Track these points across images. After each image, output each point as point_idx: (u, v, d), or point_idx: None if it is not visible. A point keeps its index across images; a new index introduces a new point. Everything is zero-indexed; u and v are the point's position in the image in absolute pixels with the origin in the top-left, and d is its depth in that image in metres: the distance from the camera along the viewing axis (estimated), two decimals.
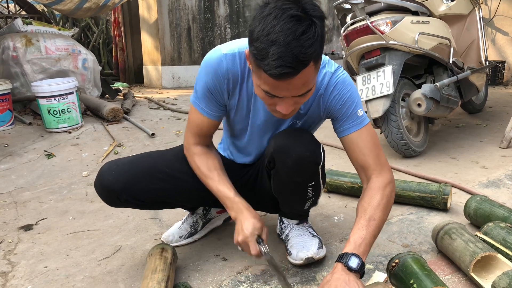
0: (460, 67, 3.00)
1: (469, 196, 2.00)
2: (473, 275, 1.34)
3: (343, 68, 1.42)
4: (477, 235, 1.53)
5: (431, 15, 2.90)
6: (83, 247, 1.81)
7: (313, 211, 2.00)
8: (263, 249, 1.33)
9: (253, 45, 1.08)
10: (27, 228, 2.04)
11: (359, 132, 1.37)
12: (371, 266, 1.53)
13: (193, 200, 1.65)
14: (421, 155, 2.90)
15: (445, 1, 3.05)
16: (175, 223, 1.85)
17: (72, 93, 3.87)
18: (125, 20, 7.79)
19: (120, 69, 7.86)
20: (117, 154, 3.27)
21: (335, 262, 1.23)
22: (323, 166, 1.47)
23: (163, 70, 7.04)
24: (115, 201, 1.51)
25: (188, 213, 1.84)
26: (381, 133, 2.86)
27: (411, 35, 2.66)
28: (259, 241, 1.34)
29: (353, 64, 3.03)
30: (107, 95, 5.41)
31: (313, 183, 1.45)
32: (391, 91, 2.59)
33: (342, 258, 1.21)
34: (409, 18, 2.70)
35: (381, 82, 2.64)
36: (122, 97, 5.45)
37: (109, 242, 1.84)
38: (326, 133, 2.93)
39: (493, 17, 5.42)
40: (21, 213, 2.24)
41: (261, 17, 1.07)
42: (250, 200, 1.72)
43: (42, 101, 3.78)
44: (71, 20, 8.06)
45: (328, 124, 1.53)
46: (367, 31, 2.68)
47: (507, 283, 1.18)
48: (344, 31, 2.86)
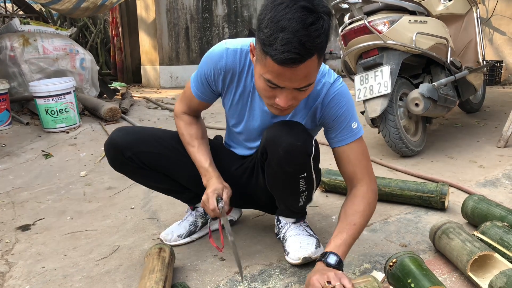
0: (457, 67, 3.01)
1: (467, 195, 2.01)
2: (470, 274, 1.34)
3: (342, 79, 1.46)
4: (474, 235, 1.53)
5: (428, 14, 2.90)
6: (81, 247, 1.80)
7: (310, 211, 2.00)
8: (219, 205, 1.43)
9: (262, 31, 1.13)
10: (25, 228, 2.04)
11: (351, 145, 1.43)
12: (369, 265, 1.53)
13: (191, 179, 1.66)
14: (419, 154, 2.90)
15: (442, 1, 3.06)
16: (173, 223, 1.85)
17: (70, 93, 3.87)
18: (123, 19, 7.79)
19: (118, 68, 7.85)
20: None
21: (316, 261, 1.30)
22: (316, 159, 1.48)
23: (161, 69, 7.04)
24: (119, 158, 1.57)
25: (188, 211, 1.83)
26: (379, 133, 2.86)
27: (409, 34, 2.67)
28: (218, 199, 1.44)
29: (351, 63, 3.03)
30: (105, 95, 5.40)
31: (305, 175, 1.47)
32: (389, 90, 2.60)
33: (322, 257, 1.29)
34: (406, 17, 2.71)
35: (379, 81, 2.64)
36: (120, 97, 5.44)
37: (107, 242, 1.84)
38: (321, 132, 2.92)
39: (491, 17, 5.42)
40: (18, 213, 2.23)
41: (273, 5, 1.12)
42: (247, 199, 1.74)
43: (39, 101, 3.77)
44: (69, 19, 8.04)
45: None
46: (364, 30, 2.68)
47: (504, 283, 1.19)
48: (341, 31, 2.86)
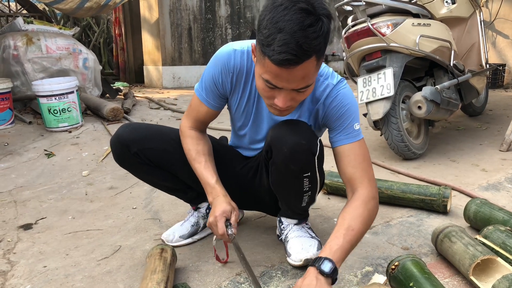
0: (460, 70, 3.01)
1: (469, 199, 2.01)
2: (472, 278, 1.34)
3: (346, 81, 1.46)
4: (477, 238, 1.53)
5: (432, 17, 2.90)
6: (83, 247, 1.80)
7: (312, 213, 2.00)
8: (229, 231, 1.39)
9: (261, 32, 1.14)
10: (27, 227, 2.04)
11: (352, 145, 1.41)
12: (371, 268, 1.53)
13: (194, 177, 1.63)
14: (421, 157, 2.90)
15: (446, 4, 3.06)
16: (175, 223, 1.85)
17: (72, 92, 3.87)
18: (126, 19, 7.79)
19: (120, 68, 7.86)
20: None
21: (308, 266, 1.21)
22: (321, 159, 1.48)
23: (163, 70, 7.04)
24: (125, 154, 1.58)
25: (190, 212, 1.83)
26: (381, 135, 2.86)
27: (412, 37, 2.67)
28: (226, 224, 1.40)
29: (353, 66, 3.03)
30: (108, 95, 5.41)
31: (309, 174, 1.46)
32: (392, 93, 2.59)
33: (315, 262, 1.20)
34: (410, 20, 2.70)
35: (382, 84, 2.64)
36: (122, 97, 5.45)
37: (109, 242, 1.84)
38: (326, 135, 2.92)
39: (494, 20, 5.42)
40: (20, 212, 2.24)
41: (273, 7, 1.13)
42: (250, 199, 1.74)
43: (42, 100, 3.78)
44: (72, 19, 8.06)
45: None
46: (368, 33, 2.68)
47: (506, 287, 1.19)
48: (345, 33, 2.86)
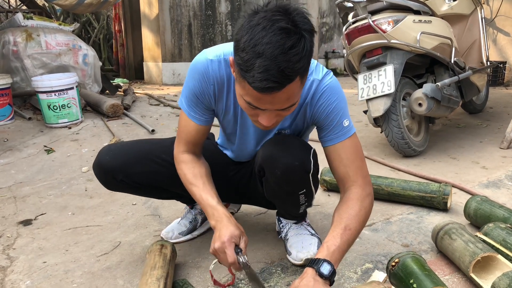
0: (461, 67, 3.00)
1: (469, 196, 2.00)
2: (473, 275, 1.33)
3: (332, 73, 1.37)
4: (477, 236, 1.53)
5: (433, 14, 2.89)
6: (82, 243, 1.80)
7: (312, 209, 2.00)
8: (241, 259, 1.23)
9: (239, 55, 1.05)
10: (26, 223, 2.04)
11: (342, 143, 1.35)
12: (371, 265, 1.53)
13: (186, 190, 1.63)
14: (421, 154, 2.89)
15: (447, 1, 3.05)
16: (174, 220, 1.85)
17: (72, 88, 3.86)
18: (125, 16, 7.78)
19: (120, 65, 7.85)
20: None
21: (306, 267, 1.19)
22: (316, 172, 1.44)
23: (163, 66, 7.03)
24: (112, 182, 1.52)
25: (187, 209, 1.83)
26: (381, 132, 2.85)
27: (413, 34, 2.66)
28: (237, 251, 1.24)
29: (354, 62, 3.02)
30: (107, 91, 5.40)
31: (304, 191, 1.44)
32: (392, 90, 2.59)
33: (313, 263, 1.17)
34: (411, 17, 2.70)
35: (382, 81, 2.64)
36: (122, 93, 5.44)
37: (108, 238, 1.84)
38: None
39: (495, 18, 5.40)
40: (20, 208, 2.23)
41: (249, 26, 1.03)
42: (246, 197, 1.74)
43: (42, 96, 3.77)
44: (72, 15, 8.04)
45: None
46: (369, 29, 2.67)
47: (507, 284, 1.18)
48: (345, 30, 2.85)
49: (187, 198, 1.74)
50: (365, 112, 2.88)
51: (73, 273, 1.56)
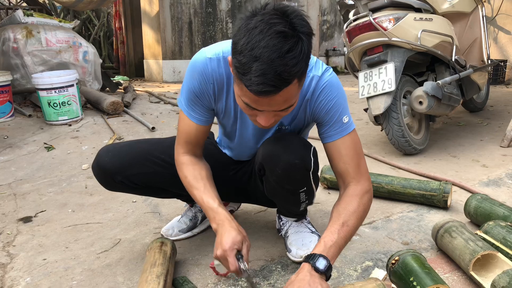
0: (462, 65, 3.00)
1: (470, 194, 2.00)
2: (473, 273, 1.33)
3: (331, 69, 1.37)
4: (477, 234, 1.53)
5: (434, 12, 2.88)
6: (82, 240, 1.80)
7: (312, 207, 2.00)
8: (241, 266, 1.23)
9: (236, 58, 1.04)
10: (26, 220, 2.04)
11: (342, 140, 1.35)
12: (371, 263, 1.53)
13: (186, 190, 1.63)
14: (421, 153, 2.89)
15: None
16: (174, 217, 1.85)
17: (72, 85, 3.86)
18: (126, 13, 7.77)
19: (120, 62, 7.84)
20: None
21: (302, 262, 1.20)
22: (316, 170, 1.44)
23: (164, 64, 7.02)
24: (111, 183, 1.52)
25: (187, 207, 1.83)
26: (381, 130, 2.85)
27: (414, 32, 2.65)
28: (238, 257, 1.23)
29: (355, 60, 3.02)
30: (108, 88, 5.39)
31: (305, 189, 1.44)
32: (393, 88, 2.58)
33: (309, 258, 1.18)
34: (412, 15, 2.69)
35: (383, 79, 2.63)
36: (122, 91, 5.43)
37: (108, 235, 1.84)
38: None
39: (496, 16, 5.38)
40: (20, 205, 2.23)
41: (247, 29, 1.02)
42: (246, 198, 1.74)
43: (42, 93, 3.77)
44: (72, 12, 8.02)
45: None
46: (369, 27, 2.67)
47: (507, 282, 1.18)
48: (346, 27, 2.84)
49: (187, 197, 1.74)
50: (366, 110, 2.88)
51: (73, 270, 1.56)
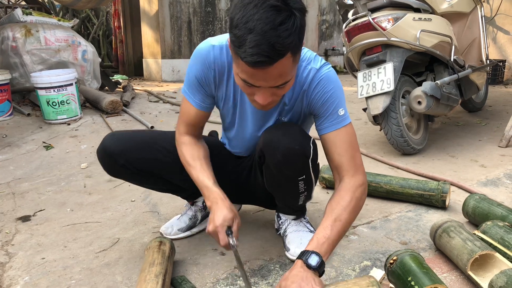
0: (461, 65, 3.00)
1: (468, 194, 2.01)
2: (470, 273, 1.34)
3: (330, 65, 1.42)
4: (475, 234, 1.53)
5: (433, 12, 2.89)
6: (81, 239, 1.80)
7: (311, 207, 2.00)
8: (230, 242, 1.31)
9: (232, 32, 1.10)
10: (25, 219, 2.04)
11: (337, 131, 1.37)
12: (369, 262, 1.53)
13: (187, 182, 1.62)
14: (420, 152, 2.89)
15: None
16: (173, 216, 1.85)
17: (71, 84, 3.86)
18: (125, 12, 7.76)
19: (119, 61, 7.84)
20: None
21: (296, 259, 1.23)
22: (315, 160, 1.46)
23: (163, 63, 7.02)
24: (113, 166, 1.55)
25: (187, 206, 1.83)
26: (380, 130, 2.86)
27: (413, 32, 2.66)
28: (228, 232, 1.32)
29: (354, 60, 3.02)
30: (107, 87, 5.39)
31: (304, 177, 1.45)
32: (392, 88, 2.59)
33: (302, 255, 1.21)
34: (411, 15, 2.69)
35: (382, 79, 2.64)
36: (121, 90, 5.43)
37: (107, 234, 1.84)
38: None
39: (495, 16, 5.40)
40: (19, 204, 2.23)
41: (242, 5, 1.08)
42: (246, 195, 1.73)
43: (41, 92, 3.76)
44: (71, 11, 8.02)
45: None
46: (368, 27, 2.67)
47: (504, 282, 1.19)
48: (345, 27, 2.85)
49: (188, 192, 1.74)
50: (365, 110, 2.88)
51: (71, 269, 1.56)
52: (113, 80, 5.81)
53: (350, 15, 2.94)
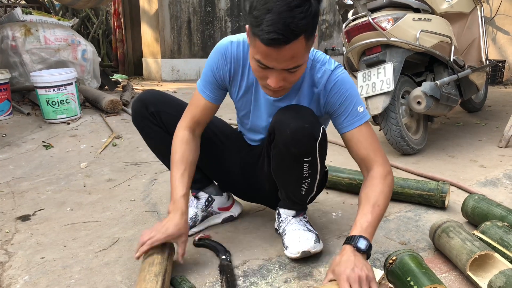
0: (460, 66, 3.00)
1: (467, 194, 2.01)
2: (469, 273, 1.34)
3: (343, 66, 1.48)
4: (474, 234, 1.53)
5: (433, 12, 2.89)
6: (81, 239, 1.80)
7: (311, 207, 2.00)
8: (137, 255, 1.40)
9: (251, 13, 1.18)
10: (25, 218, 2.04)
11: (359, 128, 1.45)
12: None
13: (203, 159, 1.68)
14: (419, 153, 2.90)
15: None
16: None
17: (71, 84, 3.86)
18: (125, 11, 7.76)
19: (119, 61, 7.84)
20: (115, 146, 3.26)
21: (343, 244, 1.30)
22: (322, 145, 1.46)
23: (162, 62, 7.02)
24: (143, 112, 1.65)
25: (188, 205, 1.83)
26: (380, 130, 2.86)
27: (413, 32, 2.66)
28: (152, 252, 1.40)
29: (353, 60, 3.02)
30: (106, 87, 5.39)
31: (310, 159, 1.45)
32: (391, 88, 2.59)
33: (351, 240, 1.29)
34: (411, 15, 2.69)
35: (382, 79, 2.64)
36: (121, 89, 5.43)
37: (107, 234, 1.84)
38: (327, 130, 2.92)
39: (494, 16, 5.40)
40: (18, 203, 2.23)
41: None
42: (250, 187, 1.77)
43: (41, 92, 3.76)
44: (71, 10, 8.02)
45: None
46: (368, 27, 2.67)
47: (503, 282, 1.19)
48: (345, 27, 2.85)
49: (198, 175, 1.74)
50: None
51: (71, 268, 1.56)
52: (112, 79, 5.81)
53: (350, 15, 2.94)
